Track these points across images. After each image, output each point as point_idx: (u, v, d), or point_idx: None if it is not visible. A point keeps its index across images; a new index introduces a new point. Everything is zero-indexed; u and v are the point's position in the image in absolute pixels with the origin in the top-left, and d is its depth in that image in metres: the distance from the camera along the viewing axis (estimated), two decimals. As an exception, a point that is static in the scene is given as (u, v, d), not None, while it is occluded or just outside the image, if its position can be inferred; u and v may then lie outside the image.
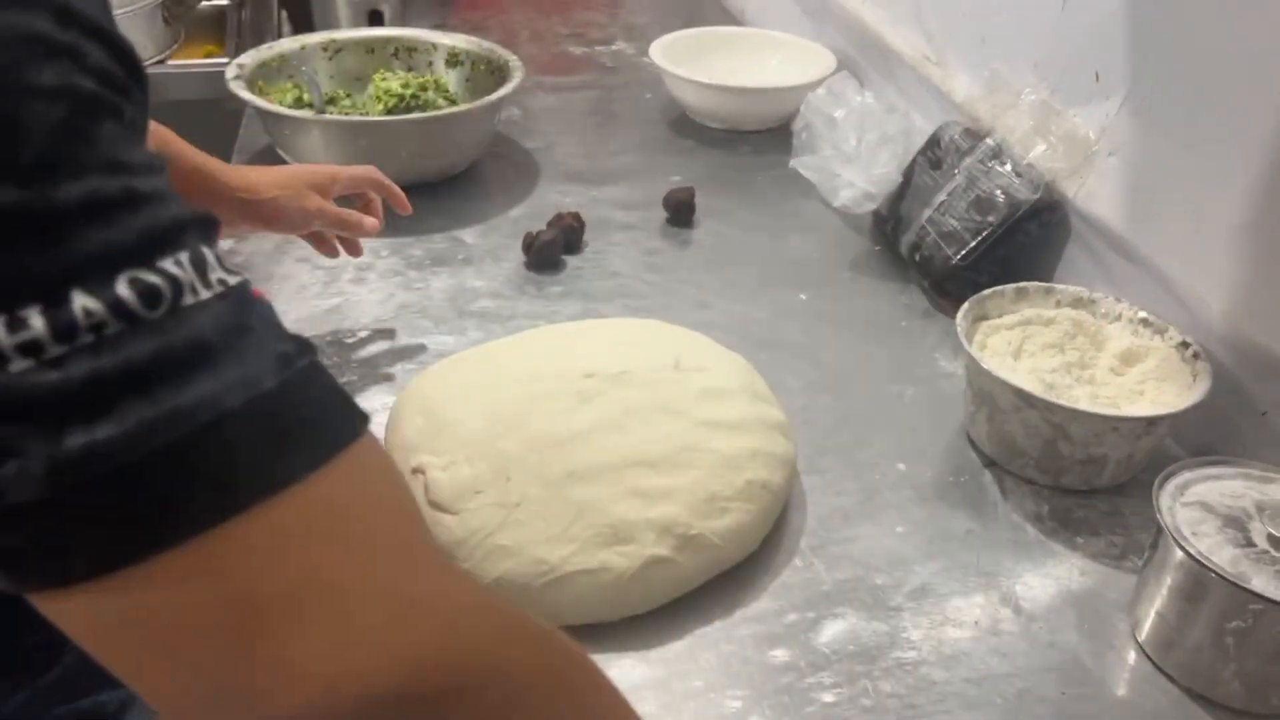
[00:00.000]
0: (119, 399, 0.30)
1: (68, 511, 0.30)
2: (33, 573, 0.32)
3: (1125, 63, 0.94)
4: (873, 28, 1.37)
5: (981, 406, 0.85)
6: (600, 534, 0.68)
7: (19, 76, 0.30)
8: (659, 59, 1.38)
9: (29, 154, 0.30)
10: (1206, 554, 0.66)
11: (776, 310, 1.04)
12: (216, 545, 0.32)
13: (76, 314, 0.30)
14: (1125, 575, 0.76)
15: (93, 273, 0.31)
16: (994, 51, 1.14)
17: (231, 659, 0.33)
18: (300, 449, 0.34)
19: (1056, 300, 0.91)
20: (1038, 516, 0.81)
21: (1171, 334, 0.86)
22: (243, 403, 0.32)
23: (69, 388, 0.30)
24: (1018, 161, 1.03)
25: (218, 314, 0.33)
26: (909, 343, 1.01)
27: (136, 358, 0.31)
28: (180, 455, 0.31)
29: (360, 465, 0.36)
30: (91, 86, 0.32)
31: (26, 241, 0.30)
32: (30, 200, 0.30)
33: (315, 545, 0.34)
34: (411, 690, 0.34)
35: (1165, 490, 0.71)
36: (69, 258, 0.30)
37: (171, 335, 0.31)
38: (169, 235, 0.33)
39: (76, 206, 0.31)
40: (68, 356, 0.30)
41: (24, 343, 0.29)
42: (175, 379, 0.31)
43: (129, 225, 0.32)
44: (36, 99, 0.31)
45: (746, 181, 1.28)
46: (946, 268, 1.04)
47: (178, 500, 0.31)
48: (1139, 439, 0.80)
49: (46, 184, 0.30)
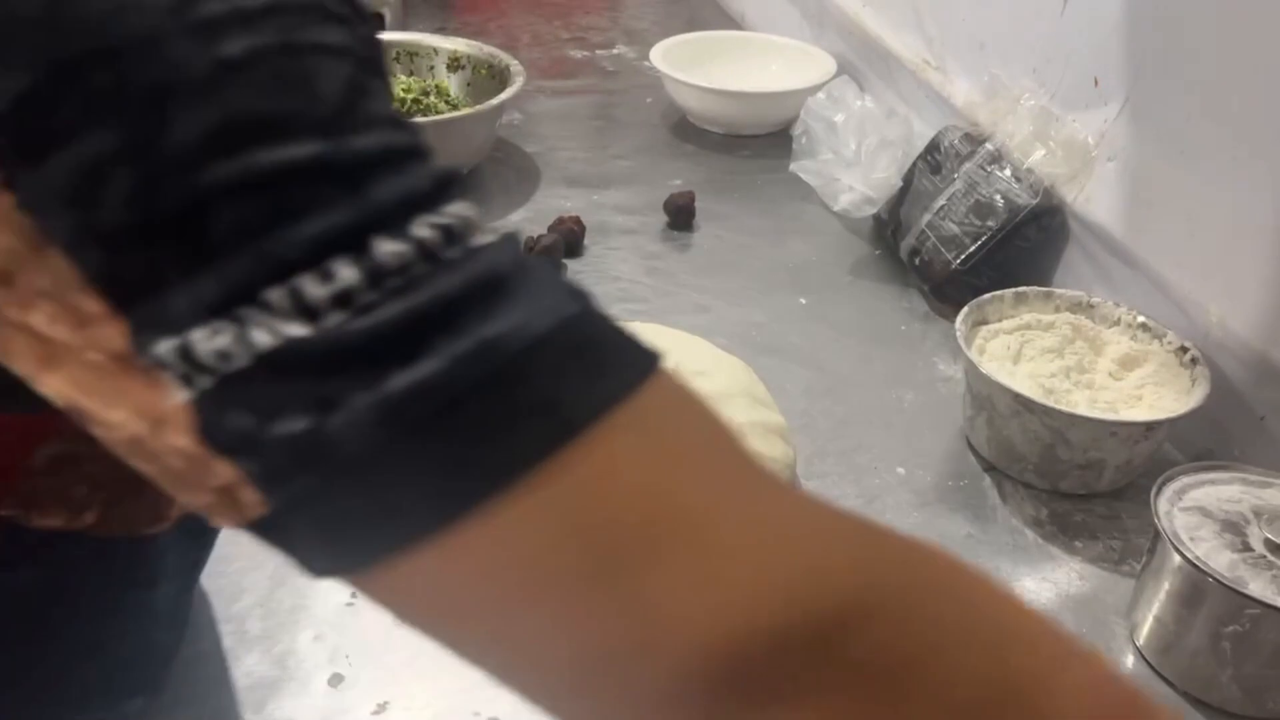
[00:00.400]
0: (433, 336, 0.29)
1: (402, 462, 0.29)
2: (370, 542, 0.30)
3: (1124, 68, 0.95)
4: (873, 32, 1.38)
5: (980, 411, 0.86)
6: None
7: (308, 34, 0.31)
8: (659, 63, 1.39)
9: (325, 107, 0.30)
10: (1204, 559, 0.66)
11: (776, 314, 1.05)
12: (555, 476, 0.30)
13: (384, 258, 0.30)
14: (1123, 579, 0.76)
15: (392, 219, 0.30)
16: (993, 56, 1.14)
17: (594, 604, 0.30)
18: (616, 369, 0.32)
19: (1055, 305, 0.92)
20: (1036, 521, 0.82)
21: (1170, 339, 0.86)
22: (551, 327, 0.31)
23: (385, 330, 0.29)
24: (1017, 166, 1.03)
25: (508, 250, 0.32)
26: (909, 347, 1.01)
27: (445, 293, 0.30)
28: (502, 385, 0.30)
29: (672, 387, 0.34)
30: (364, 50, 0.33)
31: (330, 193, 0.30)
32: (333, 151, 0.30)
33: (655, 468, 0.32)
34: (795, 620, 0.31)
35: (1163, 495, 0.71)
36: (371, 205, 0.30)
37: (470, 270, 0.31)
38: (450, 183, 0.32)
39: (374, 154, 0.31)
40: (377, 303, 0.29)
41: (336, 293, 0.29)
42: (482, 311, 0.30)
43: (420, 172, 0.32)
44: (326, 55, 0.31)
45: (747, 186, 1.28)
46: (946, 272, 1.04)
47: (508, 433, 0.30)
48: (1137, 444, 0.81)
49: (346, 135, 0.30)
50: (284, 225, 0.29)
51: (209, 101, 0.29)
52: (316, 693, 0.65)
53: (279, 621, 0.69)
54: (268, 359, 0.29)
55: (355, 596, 0.70)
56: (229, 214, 0.29)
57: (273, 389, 0.29)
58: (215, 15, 0.29)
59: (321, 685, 0.66)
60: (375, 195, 0.30)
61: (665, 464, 0.32)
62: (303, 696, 0.65)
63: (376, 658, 0.67)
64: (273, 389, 0.29)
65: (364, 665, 0.67)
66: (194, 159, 0.29)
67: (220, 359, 0.29)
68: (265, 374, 0.29)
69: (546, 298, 0.32)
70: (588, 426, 0.30)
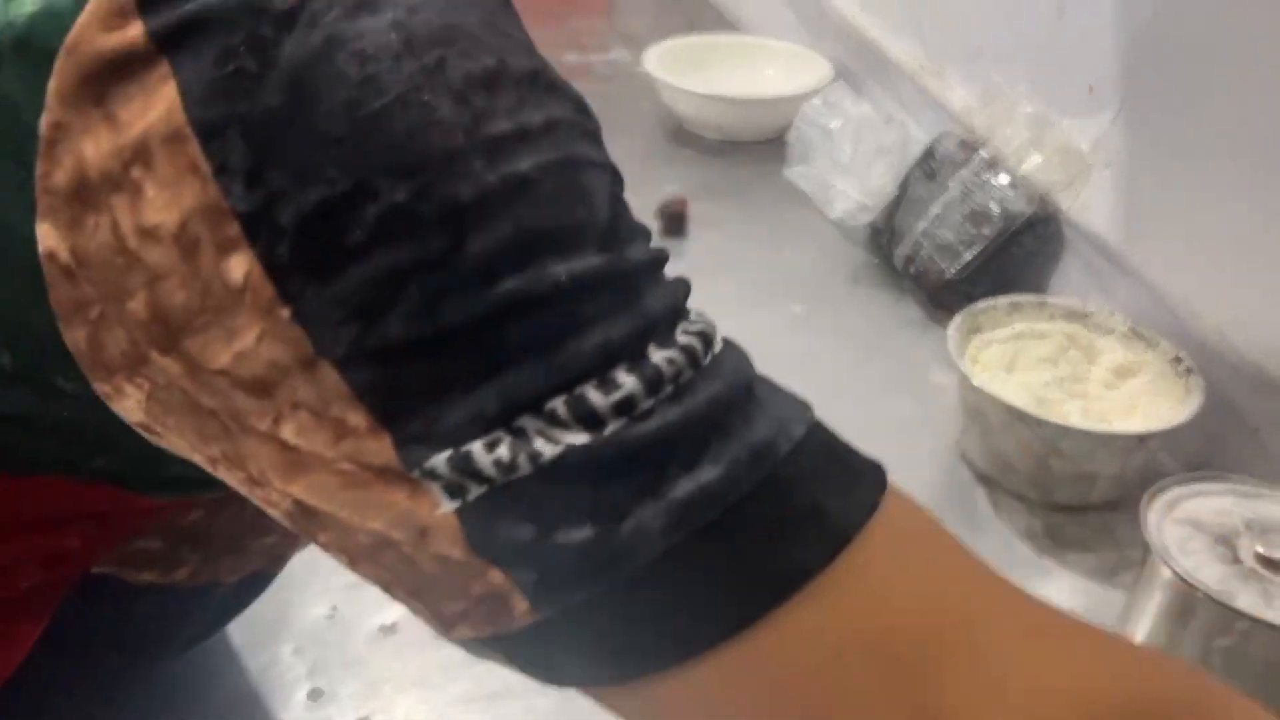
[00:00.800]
0: (709, 440, 0.30)
1: (688, 570, 0.29)
2: (648, 652, 0.30)
3: (1118, 76, 0.94)
4: (869, 37, 1.37)
5: (973, 422, 0.85)
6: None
7: (580, 149, 0.32)
8: (653, 68, 1.38)
9: (602, 220, 0.31)
10: (1194, 572, 0.65)
11: (770, 322, 1.04)
12: (832, 583, 0.30)
13: (660, 365, 0.30)
14: (1116, 592, 0.75)
15: (663, 326, 0.31)
16: (989, 63, 1.13)
17: (884, 717, 0.30)
18: (864, 475, 0.33)
19: (1050, 314, 0.91)
20: (1029, 533, 0.81)
21: (1164, 348, 0.86)
22: (806, 432, 0.32)
23: (668, 435, 0.29)
24: (1013, 174, 1.03)
25: (740, 355, 0.33)
26: (903, 356, 1.01)
27: (715, 397, 0.31)
28: (775, 492, 0.30)
29: (902, 495, 0.34)
30: (611, 162, 0.34)
31: (611, 303, 0.30)
32: (613, 264, 0.31)
33: (922, 575, 0.32)
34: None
35: (1154, 507, 0.70)
36: (646, 315, 0.31)
37: (725, 376, 0.31)
38: (689, 289, 0.34)
39: (643, 265, 0.32)
40: (655, 409, 0.30)
41: (618, 401, 0.29)
42: (744, 416, 0.31)
43: (675, 281, 0.33)
44: (594, 170, 0.32)
45: (741, 192, 1.27)
46: (941, 280, 1.04)
47: (786, 541, 0.30)
48: (1130, 455, 0.80)
49: (620, 247, 0.31)
50: (571, 337, 0.29)
51: (502, 217, 0.29)
52: (297, 705, 0.65)
53: (260, 634, 0.69)
54: (548, 468, 0.29)
55: (335, 610, 0.69)
56: (518, 327, 0.29)
57: (551, 498, 0.29)
58: (504, 133, 0.30)
59: (302, 699, 0.65)
60: (649, 305, 0.31)
61: (930, 570, 0.33)
62: (284, 710, 0.65)
63: (357, 672, 0.67)
64: (551, 498, 0.29)
65: (344, 679, 0.66)
66: (487, 273, 0.29)
67: (501, 470, 0.29)
68: (542, 483, 0.29)
69: (787, 401, 0.32)
70: (856, 534, 0.31)
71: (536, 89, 0.32)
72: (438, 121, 0.29)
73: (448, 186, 0.29)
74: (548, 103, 0.32)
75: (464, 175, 0.29)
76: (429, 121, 0.29)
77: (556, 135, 0.31)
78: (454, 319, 0.29)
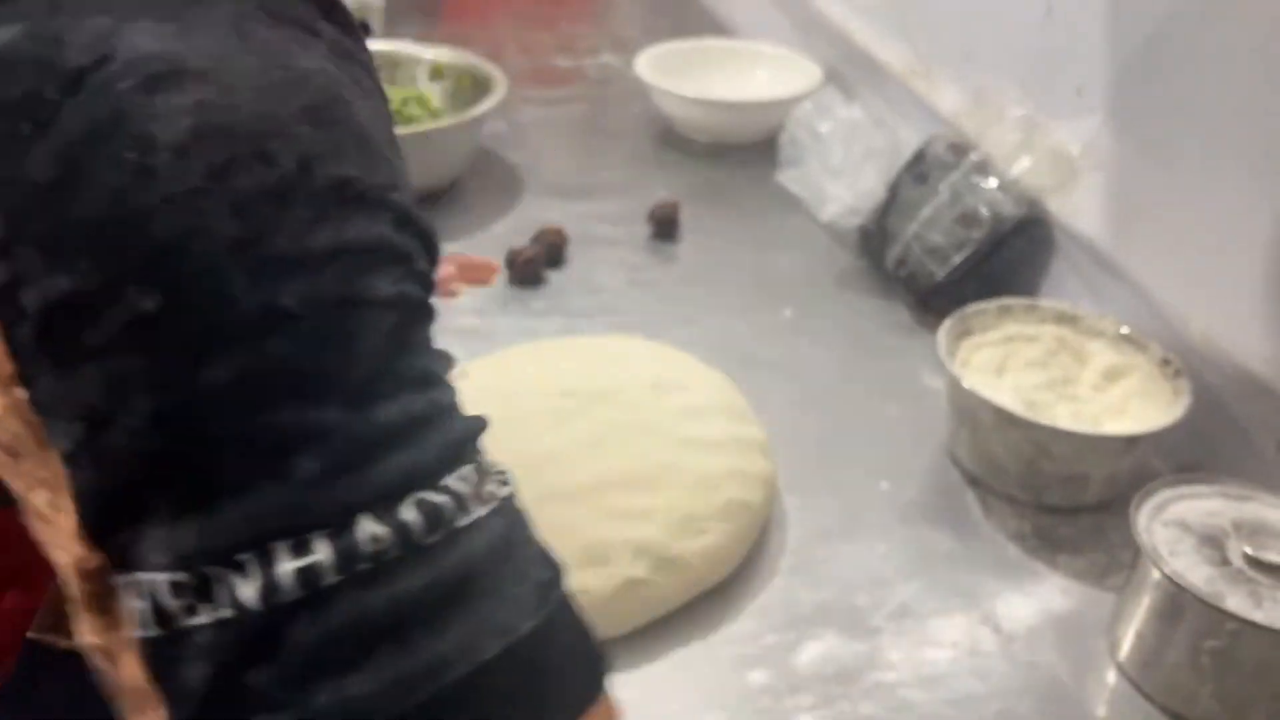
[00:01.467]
0: (377, 646, 0.28)
1: None
2: None
3: (1107, 78, 0.95)
4: (859, 40, 1.37)
5: (963, 424, 0.85)
6: (576, 555, 0.68)
7: (363, 288, 0.29)
8: (644, 72, 1.38)
9: (359, 372, 0.29)
10: (1183, 573, 0.65)
11: (760, 326, 1.04)
12: None
13: (361, 541, 0.28)
14: (1106, 594, 0.76)
15: (387, 496, 0.29)
16: (978, 66, 1.14)
17: None
18: (559, 698, 0.31)
19: (1040, 317, 0.91)
20: (1020, 535, 0.81)
21: (1154, 351, 0.86)
22: (500, 651, 0.29)
23: (330, 633, 0.27)
24: (1003, 177, 1.03)
25: (490, 533, 0.31)
26: (894, 359, 1.01)
27: (406, 593, 0.28)
28: (432, 714, 0.28)
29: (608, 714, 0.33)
30: (418, 292, 0.31)
31: (337, 465, 0.28)
32: (351, 423, 0.28)
33: None
34: None
35: (1143, 509, 0.71)
36: (372, 482, 0.28)
37: (443, 563, 0.29)
38: (459, 449, 0.31)
39: (390, 429, 0.29)
40: (338, 589, 0.28)
41: (304, 567, 0.27)
42: (437, 621, 0.29)
43: (430, 444, 0.30)
44: (373, 309, 0.29)
45: (732, 195, 1.27)
46: (931, 283, 1.04)
47: None
48: (1120, 457, 0.80)
49: (369, 405, 0.29)
50: (281, 492, 0.28)
51: (248, 348, 0.27)
52: None
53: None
54: (221, 624, 0.27)
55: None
56: (233, 468, 0.28)
57: (207, 660, 0.28)
58: (278, 255, 0.28)
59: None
60: (377, 474, 0.29)
61: None
62: None
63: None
64: (207, 660, 0.28)
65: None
66: (216, 403, 0.27)
67: (184, 612, 0.28)
68: (215, 637, 0.28)
69: (509, 606, 0.30)
70: None
71: (342, 203, 0.29)
72: (205, 231, 0.27)
73: (199, 305, 0.27)
74: (350, 221, 0.29)
75: (218, 296, 0.27)
76: (195, 230, 0.27)
77: (341, 265, 0.29)
78: (173, 444, 0.27)
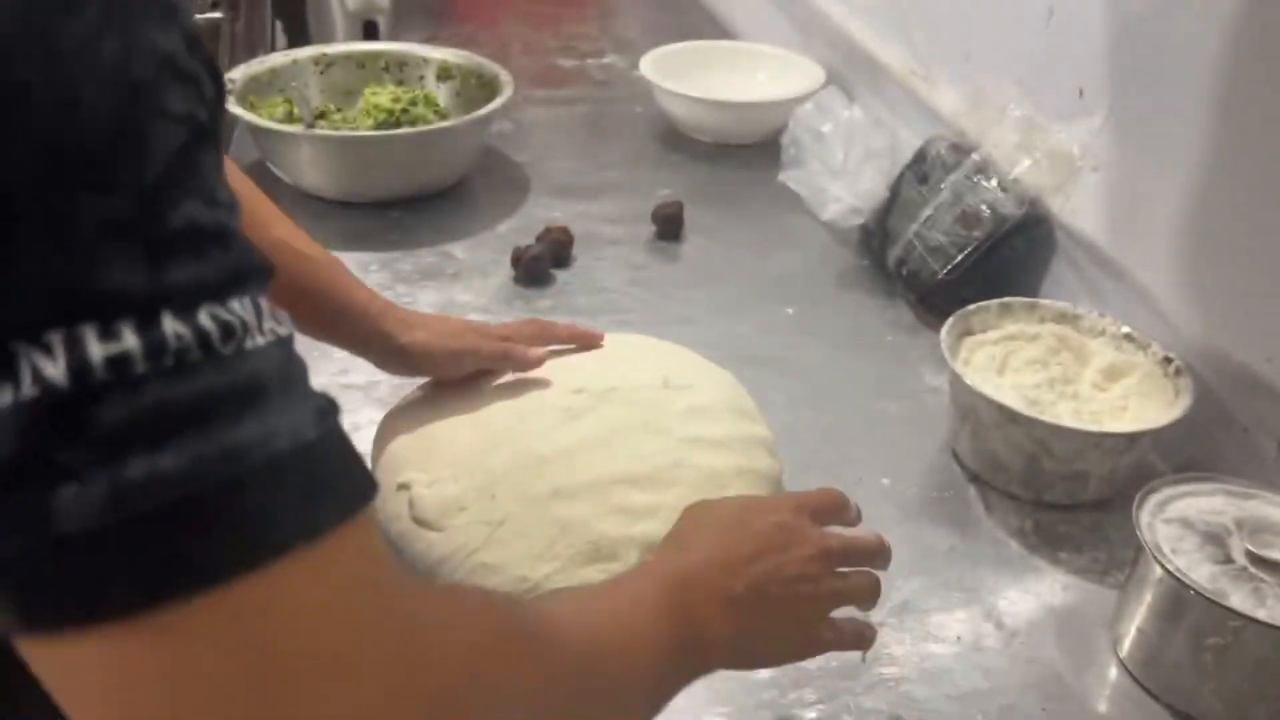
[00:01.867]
0: (183, 430, 0.30)
1: (115, 543, 0.29)
2: (56, 609, 0.30)
3: (1108, 79, 0.95)
4: (860, 42, 1.38)
5: (965, 422, 0.86)
6: (583, 551, 0.69)
7: (156, 96, 0.31)
8: (648, 73, 1.39)
9: (151, 173, 0.31)
10: (1185, 571, 0.66)
11: (763, 325, 1.05)
12: (256, 590, 0.31)
13: (167, 335, 0.30)
14: (1107, 591, 0.76)
15: (182, 300, 0.31)
16: (978, 67, 1.14)
17: None
18: (331, 502, 0.34)
19: (1041, 316, 0.92)
20: (1021, 532, 0.82)
21: (1154, 350, 0.86)
22: (290, 449, 0.32)
23: (140, 414, 0.30)
24: (1003, 177, 1.04)
25: (272, 359, 0.33)
26: (895, 358, 1.01)
27: (209, 389, 0.31)
28: (231, 494, 0.31)
29: (371, 529, 0.36)
30: (204, 117, 0.33)
31: (131, 257, 0.30)
32: (144, 218, 0.30)
33: (342, 605, 0.34)
34: None
35: (1145, 507, 0.71)
36: (165, 280, 0.30)
37: (237, 372, 0.32)
38: (242, 276, 0.33)
39: (179, 233, 0.31)
40: (146, 378, 0.30)
41: (114, 355, 0.29)
42: (233, 417, 0.31)
43: (217, 260, 0.32)
44: (166, 120, 0.31)
45: (735, 195, 1.28)
46: (932, 282, 1.04)
47: (223, 539, 0.31)
48: (1121, 455, 0.81)
49: (160, 205, 0.31)
50: (84, 275, 0.29)
51: (46, 133, 0.29)
52: None
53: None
54: (27, 403, 0.29)
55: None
56: (36, 245, 0.29)
57: (20, 437, 0.29)
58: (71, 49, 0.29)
59: None
60: (172, 271, 0.31)
61: (349, 602, 0.34)
62: None
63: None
64: (20, 437, 0.29)
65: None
66: (20, 185, 0.29)
67: None
68: (20, 416, 0.29)
69: (296, 415, 0.33)
70: (297, 550, 0.32)
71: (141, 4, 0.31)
72: None
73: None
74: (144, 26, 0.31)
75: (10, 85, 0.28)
76: None
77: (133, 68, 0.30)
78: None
